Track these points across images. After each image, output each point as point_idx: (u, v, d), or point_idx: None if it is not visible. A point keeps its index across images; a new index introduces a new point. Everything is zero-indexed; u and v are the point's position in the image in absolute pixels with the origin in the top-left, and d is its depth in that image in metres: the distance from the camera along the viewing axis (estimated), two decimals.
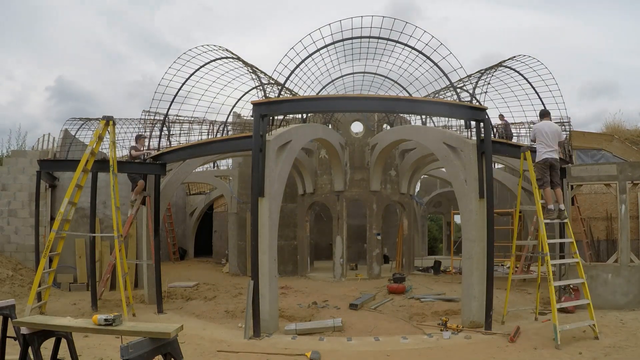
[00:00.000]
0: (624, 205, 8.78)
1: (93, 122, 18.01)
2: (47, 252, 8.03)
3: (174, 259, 20.10)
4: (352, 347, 6.63)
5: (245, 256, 14.96)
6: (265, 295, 7.36)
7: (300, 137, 9.29)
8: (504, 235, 15.33)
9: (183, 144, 12.86)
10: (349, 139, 14.29)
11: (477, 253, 7.66)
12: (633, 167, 8.98)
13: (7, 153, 16.80)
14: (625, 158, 12.38)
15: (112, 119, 8.68)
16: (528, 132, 16.90)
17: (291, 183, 14.60)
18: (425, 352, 6.33)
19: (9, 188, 12.48)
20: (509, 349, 6.36)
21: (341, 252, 13.57)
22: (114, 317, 3.79)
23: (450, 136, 8.63)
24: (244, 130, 16.40)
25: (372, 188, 13.91)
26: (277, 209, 7.95)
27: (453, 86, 11.16)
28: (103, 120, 8.64)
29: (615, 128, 15.47)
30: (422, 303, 9.65)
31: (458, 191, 8.17)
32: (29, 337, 3.97)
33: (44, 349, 4.18)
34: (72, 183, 8.31)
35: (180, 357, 3.77)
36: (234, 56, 12.35)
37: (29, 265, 11.92)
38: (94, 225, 9.59)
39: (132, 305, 8.86)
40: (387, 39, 11.88)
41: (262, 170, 7.55)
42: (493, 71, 12.45)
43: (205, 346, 6.57)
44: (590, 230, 10.55)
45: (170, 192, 10.96)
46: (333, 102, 8.94)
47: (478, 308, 7.53)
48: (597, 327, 6.72)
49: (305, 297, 10.55)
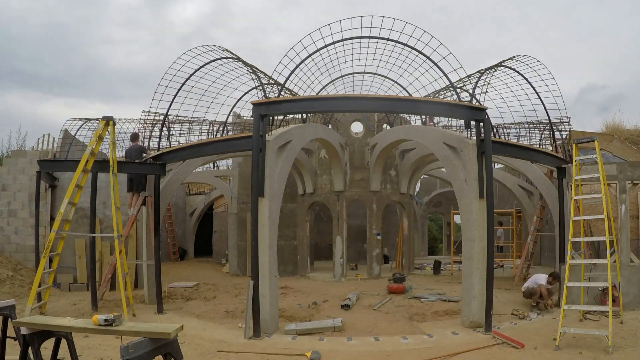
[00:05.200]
0: (624, 205, 8.78)
1: (93, 122, 18.00)
2: (47, 252, 8.04)
3: (174, 259, 20.09)
4: (352, 347, 6.64)
5: (245, 256, 14.96)
6: (265, 295, 7.36)
7: (300, 137, 9.30)
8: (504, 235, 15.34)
9: (183, 144, 12.86)
10: (349, 139, 14.29)
11: (477, 253, 7.66)
12: (633, 167, 8.98)
13: (7, 153, 16.81)
14: (625, 158, 12.39)
15: (112, 119, 8.70)
16: (528, 132, 16.92)
17: (291, 183, 14.60)
18: (425, 352, 6.33)
19: (9, 188, 12.48)
20: (509, 349, 6.37)
21: (341, 252, 13.57)
22: (114, 317, 3.79)
23: (450, 136, 8.63)
24: (244, 130, 16.39)
25: (372, 188, 13.91)
26: (277, 209, 7.95)
27: (453, 86, 11.15)
28: (103, 121, 8.65)
29: (615, 128, 15.48)
30: (422, 303, 9.65)
31: (458, 191, 8.17)
32: (29, 337, 3.97)
33: (44, 349, 4.18)
34: (72, 183, 8.32)
35: (180, 357, 3.77)
36: (234, 56, 12.35)
37: (29, 266, 11.92)
38: (94, 225, 9.59)
39: (132, 306, 8.86)
40: (387, 39, 11.86)
41: (262, 170, 7.55)
42: (493, 71, 12.43)
43: (205, 346, 6.57)
44: (590, 230, 10.55)
45: (170, 192, 10.96)
46: (333, 102, 8.93)
47: (478, 308, 7.53)
48: (611, 338, 6.11)
49: (305, 297, 10.55)
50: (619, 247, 8.74)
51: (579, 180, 7.85)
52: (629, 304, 8.48)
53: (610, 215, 7.29)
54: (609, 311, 6.48)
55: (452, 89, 11.72)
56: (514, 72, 12.51)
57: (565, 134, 14.29)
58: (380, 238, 14.17)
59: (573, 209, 8.03)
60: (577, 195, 7.89)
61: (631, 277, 8.63)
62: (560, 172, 10.38)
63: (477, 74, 12.70)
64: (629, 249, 8.77)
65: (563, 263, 8.77)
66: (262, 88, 12.67)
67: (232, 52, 12.18)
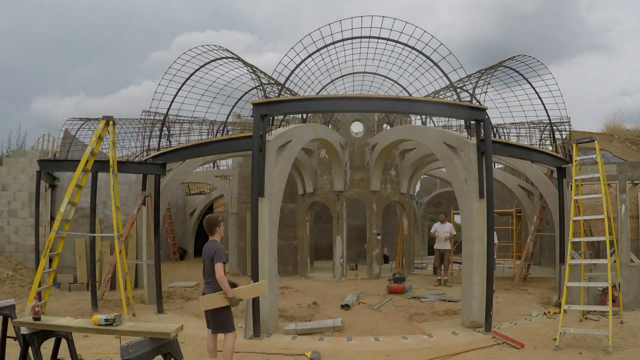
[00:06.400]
0: (624, 205, 8.78)
1: (93, 122, 18.00)
2: (47, 252, 8.04)
3: (174, 259, 20.10)
4: (352, 347, 6.64)
5: (245, 256, 14.95)
6: (265, 295, 7.35)
7: (300, 137, 9.29)
8: (504, 236, 15.34)
9: (183, 144, 12.85)
10: (349, 139, 14.29)
11: (477, 253, 7.66)
12: (633, 167, 8.98)
13: (7, 153, 16.82)
14: (625, 158, 12.38)
15: (112, 118, 8.68)
16: (528, 132, 16.92)
17: (291, 183, 14.58)
18: (425, 352, 6.33)
19: (9, 188, 12.48)
20: (509, 349, 6.37)
21: (341, 252, 13.57)
22: (114, 317, 3.80)
23: (450, 136, 8.63)
24: (244, 130, 16.38)
25: (372, 188, 13.91)
26: (277, 209, 7.95)
27: (453, 86, 11.15)
28: (103, 120, 8.63)
29: (615, 128, 15.48)
30: (422, 303, 9.65)
31: (458, 191, 8.17)
32: (29, 337, 3.98)
33: (44, 349, 4.19)
34: (72, 183, 8.31)
35: (180, 357, 3.78)
36: (234, 56, 12.35)
37: (29, 265, 11.92)
38: (94, 225, 9.59)
39: (132, 305, 8.86)
40: (387, 38, 11.86)
41: (262, 170, 7.54)
42: (493, 71, 12.43)
43: (205, 346, 6.56)
44: (590, 230, 10.54)
45: (170, 192, 10.96)
46: (333, 102, 8.93)
47: (478, 308, 7.53)
48: (611, 338, 6.09)
49: (305, 297, 10.54)
50: (619, 247, 8.74)
51: (579, 180, 7.85)
52: (629, 304, 8.47)
53: (610, 215, 7.29)
54: (609, 311, 6.48)
55: (452, 89, 11.73)
56: (514, 72, 12.51)
57: (565, 134, 14.29)
58: (380, 238, 14.16)
59: (573, 209, 8.03)
60: (577, 195, 7.89)
61: (631, 277, 8.63)
62: (560, 172, 10.38)
63: (477, 74, 12.71)
64: (629, 249, 8.77)
65: (563, 263, 8.77)
66: (262, 88, 12.68)
67: (232, 52, 12.19)
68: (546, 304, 9.48)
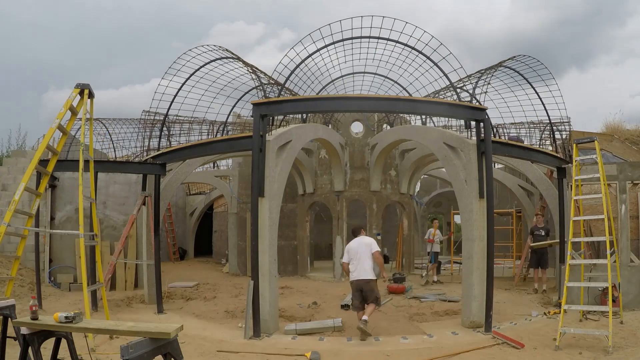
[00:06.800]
0: (624, 205, 8.77)
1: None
2: None
3: (174, 259, 20.09)
4: (352, 347, 6.63)
5: (245, 256, 14.95)
6: (265, 295, 7.36)
7: (300, 137, 9.29)
8: (504, 235, 15.33)
9: (183, 144, 12.85)
10: (349, 139, 14.29)
11: (477, 253, 7.66)
12: (633, 167, 8.97)
13: (7, 153, 16.82)
14: (625, 158, 12.38)
15: (87, 87, 6.64)
16: (528, 132, 16.92)
17: (291, 183, 14.59)
18: (425, 352, 6.33)
19: (9, 188, 12.47)
20: (509, 349, 6.36)
21: (341, 252, 13.55)
22: (74, 314, 3.86)
23: (450, 136, 8.63)
24: (244, 130, 16.39)
25: (372, 188, 13.91)
26: (277, 209, 7.95)
27: (453, 86, 11.16)
28: (77, 89, 6.54)
29: (615, 128, 15.47)
30: (422, 303, 9.65)
31: (458, 191, 8.17)
32: (29, 337, 3.98)
33: (44, 349, 4.19)
34: (35, 157, 6.74)
35: (180, 357, 3.77)
36: (233, 56, 12.36)
37: (29, 265, 11.91)
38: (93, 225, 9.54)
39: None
40: (387, 39, 11.87)
41: (262, 170, 7.54)
42: (493, 71, 12.44)
43: (205, 346, 6.57)
44: (590, 230, 10.54)
45: (170, 192, 10.96)
46: (333, 102, 8.93)
47: (478, 308, 7.52)
48: (611, 338, 6.05)
49: (305, 297, 10.55)
50: (619, 247, 8.74)
51: (579, 180, 7.84)
52: (629, 304, 8.47)
53: (610, 215, 7.28)
54: (609, 311, 6.47)
55: (452, 89, 11.73)
56: (514, 72, 12.52)
57: (565, 134, 14.30)
58: (380, 238, 14.16)
59: (573, 209, 8.02)
60: (577, 195, 7.89)
61: (631, 277, 8.63)
62: (560, 172, 10.38)
63: (477, 74, 12.72)
64: (629, 249, 8.77)
65: (563, 263, 8.77)
66: (262, 88, 12.69)
67: (232, 52, 12.19)
68: (546, 304, 9.47)
